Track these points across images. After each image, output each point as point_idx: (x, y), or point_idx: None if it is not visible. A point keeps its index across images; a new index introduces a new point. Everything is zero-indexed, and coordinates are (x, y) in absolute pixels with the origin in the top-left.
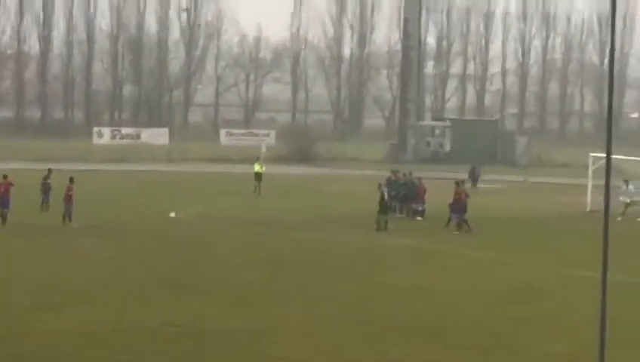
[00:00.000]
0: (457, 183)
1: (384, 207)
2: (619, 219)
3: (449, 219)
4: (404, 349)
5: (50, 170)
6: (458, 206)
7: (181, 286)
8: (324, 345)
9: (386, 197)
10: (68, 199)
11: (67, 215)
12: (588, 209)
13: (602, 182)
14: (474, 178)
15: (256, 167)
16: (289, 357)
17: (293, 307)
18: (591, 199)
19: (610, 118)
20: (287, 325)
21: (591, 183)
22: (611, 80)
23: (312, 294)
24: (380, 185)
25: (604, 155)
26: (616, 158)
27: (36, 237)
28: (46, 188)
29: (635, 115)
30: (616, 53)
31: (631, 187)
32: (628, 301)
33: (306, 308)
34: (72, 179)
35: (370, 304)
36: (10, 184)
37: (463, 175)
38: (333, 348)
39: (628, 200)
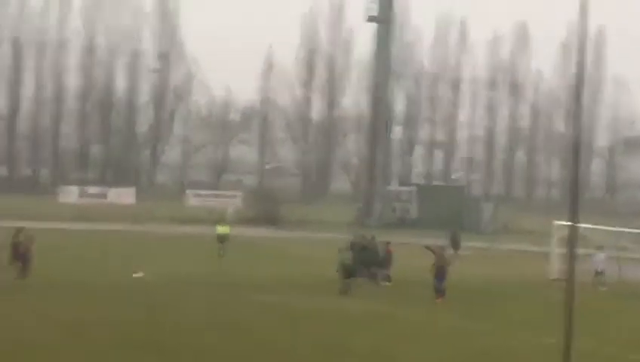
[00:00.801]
0: (440, 248)
1: (346, 271)
2: (604, 289)
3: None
4: None
5: (20, 229)
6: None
7: (143, 348)
8: None
9: (348, 260)
10: (23, 255)
11: (23, 271)
12: (552, 277)
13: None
14: (455, 243)
15: (220, 229)
16: None
17: None
18: (555, 267)
19: (575, 186)
20: None
21: (555, 251)
22: (577, 146)
23: (271, 358)
24: (340, 250)
25: (569, 223)
26: (581, 227)
27: None
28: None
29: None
30: (583, 123)
31: (601, 255)
32: None
33: None
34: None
35: None
36: None
37: (430, 240)
38: None
39: (599, 269)
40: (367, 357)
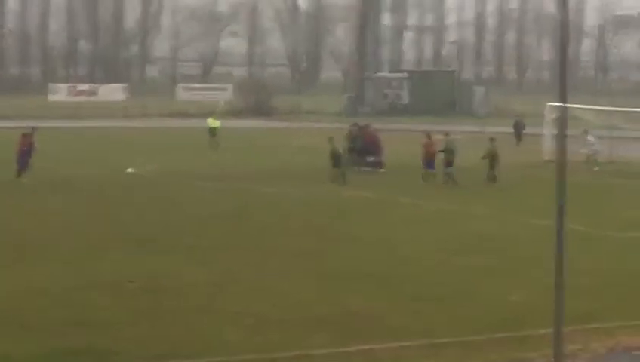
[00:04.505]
0: (427, 135)
1: (337, 161)
2: (596, 169)
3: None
4: (365, 302)
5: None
6: (428, 159)
7: (138, 242)
8: (282, 298)
9: (339, 150)
10: (21, 153)
11: (20, 169)
12: (545, 158)
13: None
14: (518, 133)
15: (211, 122)
16: (248, 311)
17: (250, 260)
18: (548, 148)
19: (563, 66)
20: (244, 279)
21: (548, 132)
22: (564, 28)
23: (269, 247)
24: (330, 139)
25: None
26: (573, 107)
27: None
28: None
29: None
30: (572, 1)
31: (590, 137)
32: (585, 249)
33: (263, 261)
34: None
35: (329, 257)
36: None
37: (423, 126)
38: (292, 302)
39: (588, 152)
40: (368, 243)
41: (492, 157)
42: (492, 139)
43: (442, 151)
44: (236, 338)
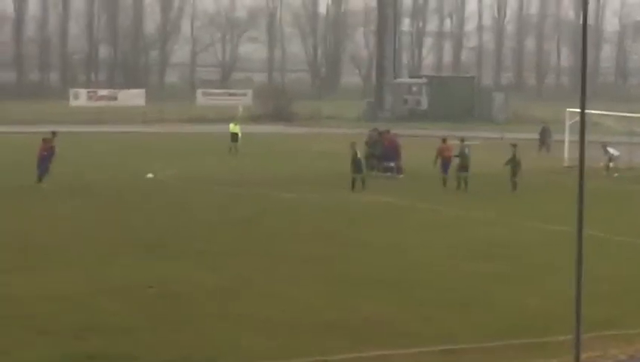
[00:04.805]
0: (443, 140)
1: (358, 166)
2: (616, 175)
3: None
4: (377, 308)
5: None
6: (444, 163)
7: (155, 247)
8: (293, 303)
9: (359, 155)
10: (42, 158)
11: (40, 174)
12: (565, 164)
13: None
14: (544, 140)
15: (232, 127)
16: (258, 315)
17: (264, 266)
18: (568, 154)
19: (584, 73)
20: (258, 284)
21: (568, 138)
22: (585, 35)
23: (284, 253)
24: (352, 144)
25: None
26: (592, 113)
27: (4, 199)
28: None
29: None
30: (591, 7)
31: (609, 149)
32: (604, 256)
33: (277, 266)
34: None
35: (343, 262)
36: None
37: (442, 132)
38: (303, 307)
39: (608, 161)
40: (382, 249)
41: (514, 164)
42: (514, 145)
43: (457, 156)
44: (250, 343)
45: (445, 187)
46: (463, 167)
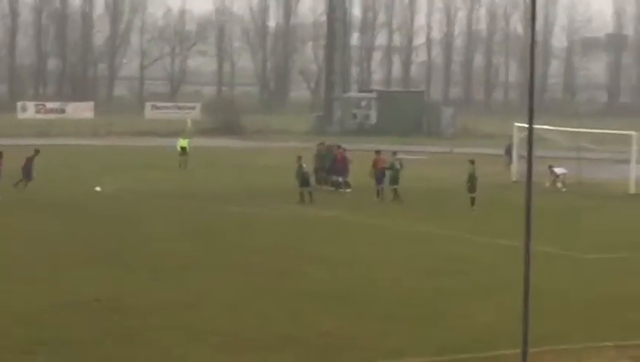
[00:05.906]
0: (377, 152)
1: (304, 180)
2: (564, 190)
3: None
4: (334, 322)
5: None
6: (378, 175)
7: (107, 261)
8: (251, 317)
9: (305, 169)
10: None
11: None
12: (513, 179)
13: (526, 152)
14: (511, 157)
15: (181, 141)
16: (215, 330)
17: (219, 280)
18: (515, 169)
19: (532, 88)
20: (213, 298)
21: (516, 153)
22: (533, 51)
23: (238, 267)
24: (298, 158)
25: (527, 125)
26: (540, 128)
27: None
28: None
29: None
30: (540, 24)
31: (556, 169)
32: (554, 271)
33: (232, 280)
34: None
35: (298, 276)
36: None
37: (391, 146)
38: (261, 321)
39: (559, 184)
40: (335, 264)
41: (472, 180)
42: (472, 162)
43: (388, 168)
44: (200, 357)
45: (379, 198)
46: (393, 179)
